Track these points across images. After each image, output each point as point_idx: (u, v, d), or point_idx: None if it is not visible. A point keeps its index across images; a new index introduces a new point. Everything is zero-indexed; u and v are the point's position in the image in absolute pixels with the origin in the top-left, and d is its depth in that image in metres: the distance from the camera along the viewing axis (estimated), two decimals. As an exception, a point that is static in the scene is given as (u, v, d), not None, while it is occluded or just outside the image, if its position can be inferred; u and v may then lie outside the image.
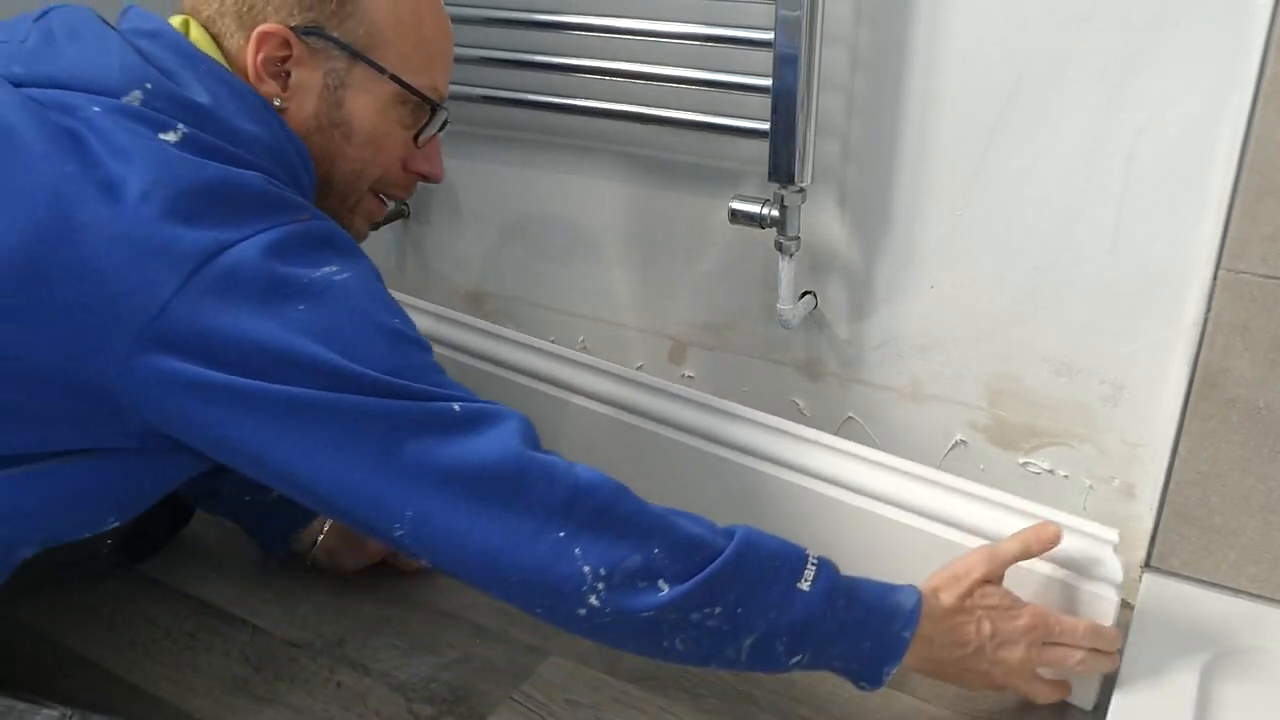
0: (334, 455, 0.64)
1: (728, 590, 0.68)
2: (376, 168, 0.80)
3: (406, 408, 0.65)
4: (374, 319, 0.67)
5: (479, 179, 1.18)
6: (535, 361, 1.10)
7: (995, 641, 0.77)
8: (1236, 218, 0.80)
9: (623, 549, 0.66)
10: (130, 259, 0.61)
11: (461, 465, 0.65)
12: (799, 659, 0.71)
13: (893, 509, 0.88)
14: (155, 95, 0.67)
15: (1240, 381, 0.84)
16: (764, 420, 0.96)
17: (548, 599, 0.67)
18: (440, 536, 0.66)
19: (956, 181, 0.91)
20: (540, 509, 0.66)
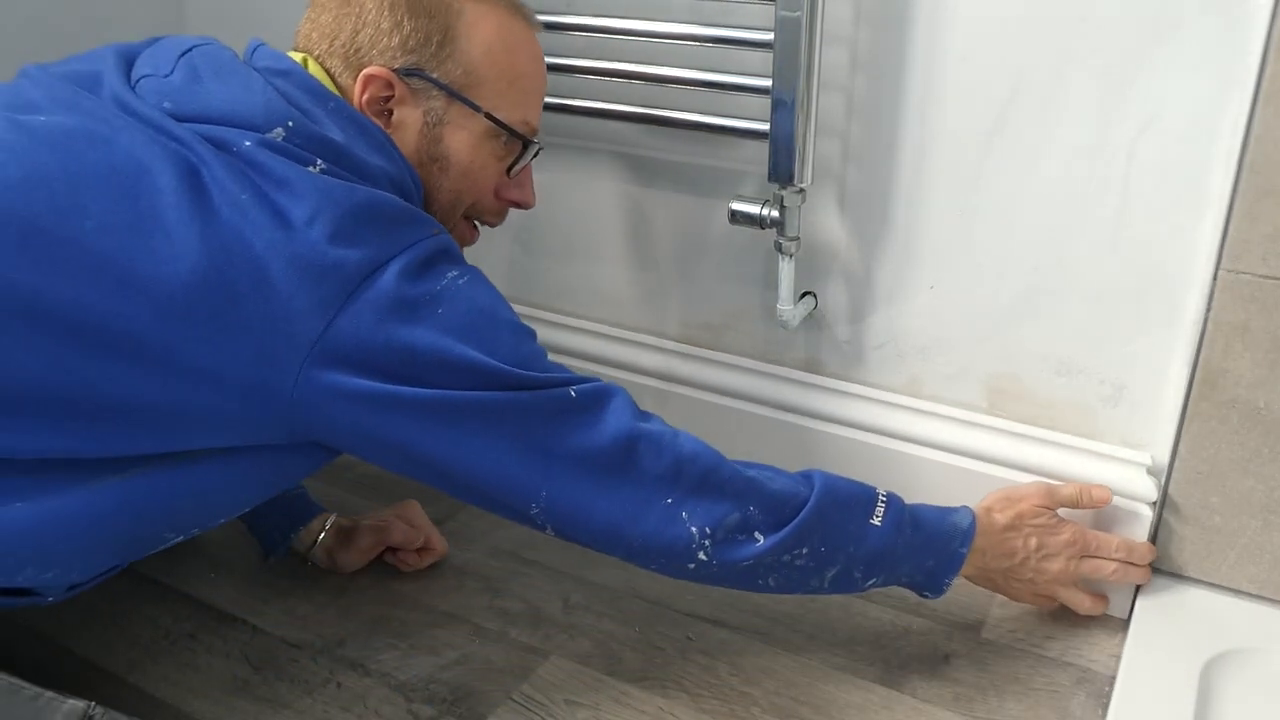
0: (477, 446, 0.72)
1: (813, 534, 0.78)
2: (471, 196, 0.86)
3: (536, 398, 0.72)
4: (497, 315, 0.75)
5: (479, 179, 1.18)
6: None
7: (1040, 554, 0.87)
8: (1236, 218, 0.80)
9: (723, 509, 0.76)
10: (304, 279, 0.67)
11: (585, 447, 0.74)
12: (874, 581, 0.82)
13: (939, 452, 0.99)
14: (296, 133, 0.72)
15: (1240, 381, 0.85)
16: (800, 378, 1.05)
17: (662, 558, 0.77)
18: (570, 511, 0.75)
19: (956, 181, 0.91)
20: (651, 479, 0.75)
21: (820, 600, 0.96)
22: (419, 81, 0.79)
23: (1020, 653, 0.90)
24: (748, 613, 0.95)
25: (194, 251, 0.66)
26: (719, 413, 1.09)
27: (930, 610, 0.95)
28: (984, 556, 0.85)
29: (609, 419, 0.75)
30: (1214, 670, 0.83)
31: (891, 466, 1.01)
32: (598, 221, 1.12)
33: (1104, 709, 0.83)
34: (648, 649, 0.91)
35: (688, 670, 0.88)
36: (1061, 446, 0.95)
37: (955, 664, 0.89)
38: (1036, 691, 0.86)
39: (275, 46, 0.81)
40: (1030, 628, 0.93)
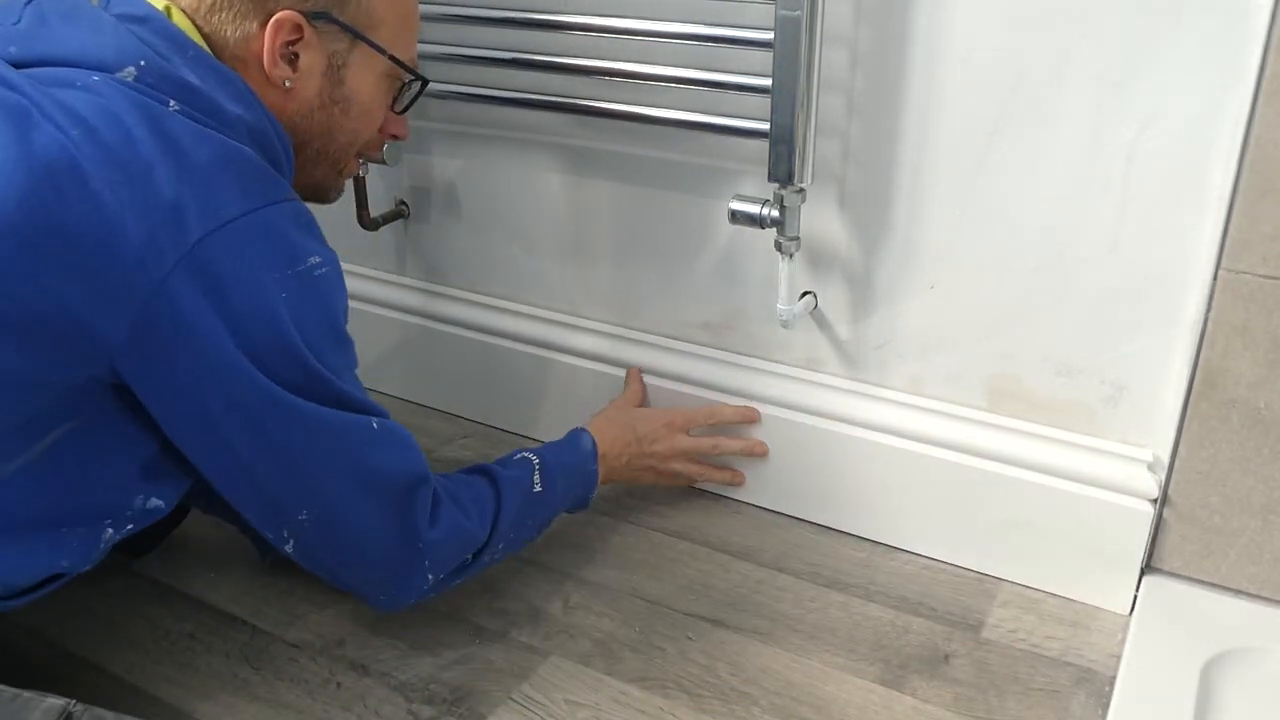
0: (275, 441, 0.74)
1: (505, 536, 0.89)
2: (366, 135, 0.88)
3: (343, 420, 0.76)
4: (337, 318, 0.78)
5: (479, 179, 1.18)
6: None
7: (646, 440, 1.03)
8: (1236, 218, 0.80)
9: (458, 559, 0.85)
10: (145, 226, 0.66)
11: (374, 479, 0.78)
12: (546, 527, 0.96)
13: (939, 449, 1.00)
14: (149, 72, 0.71)
15: (1240, 381, 0.84)
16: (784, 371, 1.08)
17: (393, 599, 0.85)
18: (328, 536, 0.79)
19: (956, 181, 0.91)
20: (415, 533, 0.81)
21: (820, 600, 0.97)
22: (325, 25, 0.79)
23: (1020, 653, 0.90)
24: (748, 613, 0.95)
25: (17, 188, 0.64)
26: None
27: (930, 610, 0.95)
28: (607, 460, 1.00)
29: (402, 460, 0.80)
30: (1214, 670, 0.83)
31: (892, 464, 1.01)
32: (597, 221, 1.12)
33: (1104, 709, 0.83)
34: (648, 649, 0.91)
35: (688, 670, 0.88)
36: (1062, 444, 0.95)
37: (955, 664, 0.89)
38: (1036, 691, 0.86)
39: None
40: (1030, 628, 0.93)
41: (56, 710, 0.66)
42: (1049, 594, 0.97)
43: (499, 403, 1.25)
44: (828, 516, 1.07)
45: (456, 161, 1.18)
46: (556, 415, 1.21)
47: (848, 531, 1.06)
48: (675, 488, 1.11)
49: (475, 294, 1.24)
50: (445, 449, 1.22)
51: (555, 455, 0.96)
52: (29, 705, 0.66)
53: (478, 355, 1.24)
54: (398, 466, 0.80)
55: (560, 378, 1.18)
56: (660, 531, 1.07)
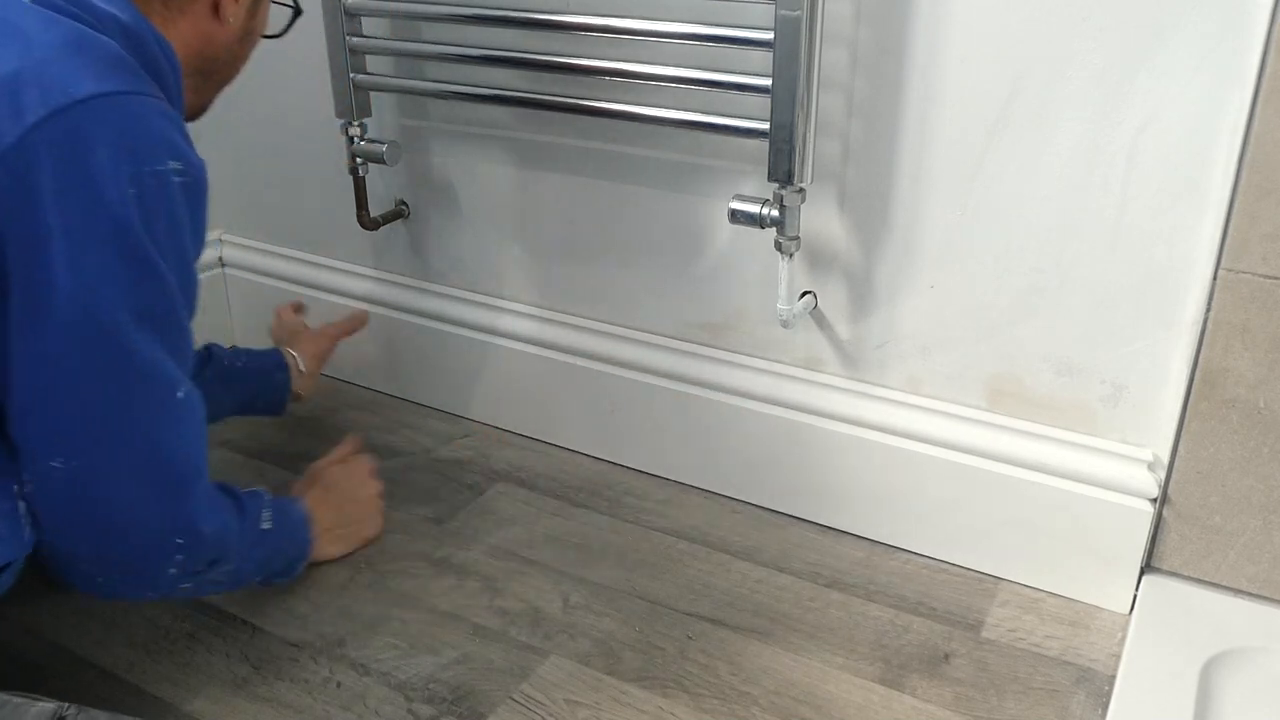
0: (69, 366, 0.70)
1: (235, 555, 0.84)
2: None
3: (155, 365, 0.73)
4: (183, 237, 0.74)
5: (479, 179, 1.18)
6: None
7: (353, 502, 1.04)
8: (1236, 218, 0.80)
9: (206, 558, 0.81)
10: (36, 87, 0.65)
11: (162, 447, 0.75)
12: (252, 580, 0.91)
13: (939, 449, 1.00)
14: None
15: (1240, 381, 0.85)
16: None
17: (131, 583, 0.79)
18: (85, 493, 0.73)
19: (956, 181, 0.91)
20: (182, 522, 0.77)
21: (820, 600, 0.97)
22: None
23: (1020, 653, 0.90)
24: (747, 613, 0.95)
25: None
26: (719, 411, 1.09)
27: (930, 610, 0.95)
28: (320, 528, 0.98)
29: (195, 442, 0.77)
30: (1214, 670, 0.83)
31: (892, 464, 1.01)
32: (598, 221, 1.12)
33: (1104, 709, 0.83)
34: (648, 649, 0.91)
35: (688, 670, 0.88)
36: (1062, 444, 0.95)
37: (955, 664, 0.89)
38: (1036, 691, 0.86)
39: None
40: (1030, 628, 0.93)
41: (49, 714, 0.65)
42: (1049, 594, 0.97)
43: (499, 402, 1.25)
44: (828, 516, 1.07)
45: (456, 161, 1.18)
46: (556, 415, 1.21)
47: (848, 531, 1.06)
48: (665, 482, 1.11)
49: (475, 294, 1.24)
50: (445, 449, 1.22)
51: (276, 501, 0.93)
52: (20, 710, 0.65)
53: (478, 355, 1.24)
54: (187, 449, 0.76)
55: (560, 377, 1.18)
56: (660, 531, 1.07)
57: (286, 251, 1.37)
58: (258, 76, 1.28)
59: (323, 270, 1.34)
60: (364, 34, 1.13)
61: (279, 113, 1.28)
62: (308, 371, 1.17)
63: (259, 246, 1.40)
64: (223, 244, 1.42)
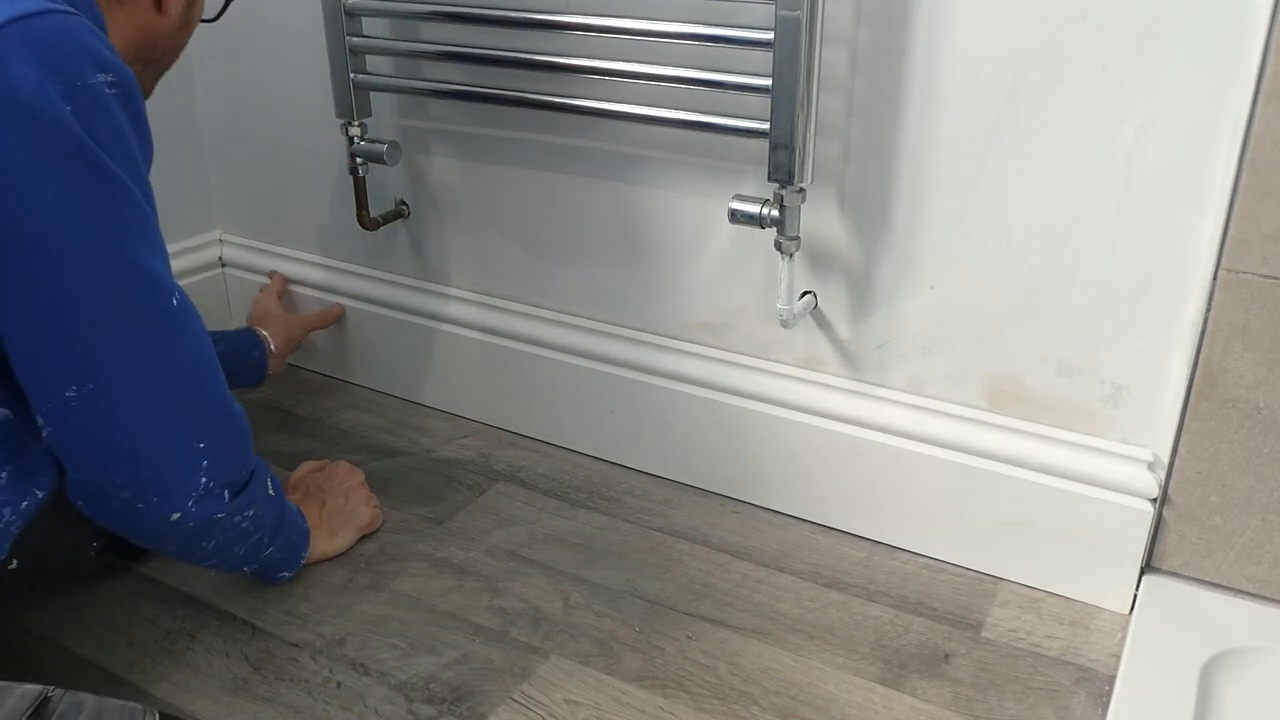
0: (47, 285, 0.69)
1: (254, 499, 0.86)
2: None
3: (147, 278, 0.72)
4: (128, 140, 0.72)
5: (479, 179, 1.18)
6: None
7: (345, 499, 1.05)
8: (1236, 218, 0.80)
9: (232, 468, 0.82)
10: None
11: (170, 357, 0.75)
12: (250, 557, 0.91)
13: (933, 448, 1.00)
14: None
15: (1240, 381, 0.85)
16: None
17: (159, 498, 0.78)
18: (107, 416, 0.74)
19: (956, 181, 0.91)
20: (203, 417, 0.78)
21: (820, 600, 0.97)
22: None
23: (1020, 653, 0.90)
24: (748, 612, 0.95)
25: None
26: (719, 411, 1.09)
27: (930, 610, 0.95)
28: (319, 534, 1.00)
29: (198, 346, 0.77)
30: (1214, 670, 0.83)
31: (892, 464, 1.01)
32: (597, 221, 1.12)
33: (1104, 709, 0.83)
34: (648, 649, 0.91)
35: (688, 670, 0.89)
36: (1062, 444, 0.95)
37: (955, 664, 0.89)
38: (1036, 691, 0.86)
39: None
40: (1030, 628, 0.93)
41: (33, 695, 0.65)
42: (1049, 594, 0.97)
43: (499, 402, 1.25)
44: (828, 516, 1.07)
45: (456, 161, 1.18)
46: (556, 415, 1.21)
47: (848, 531, 1.06)
48: (665, 482, 1.10)
49: (475, 294, 1.24)
50: (445, 449, 1.22)
51: (276, 484, 0.93)
52: (4, 692, 0.64)
53: (478, 355, 1.24)
54: (194, 351, 0.76)
55: (560, 377, 1.18)
56: (660, 531, 1.07)
57: (286, 251, 1.37)
58: (258, 76, 1.29)
59: (323, 270, 1.34)
60: (364, 34, 1.13)
61: (279, 113, 1.28)
62: (277, 352, 1.24)
63: (259, 246, 1.40)
64: (222, 244, 1.42)
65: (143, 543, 0.87)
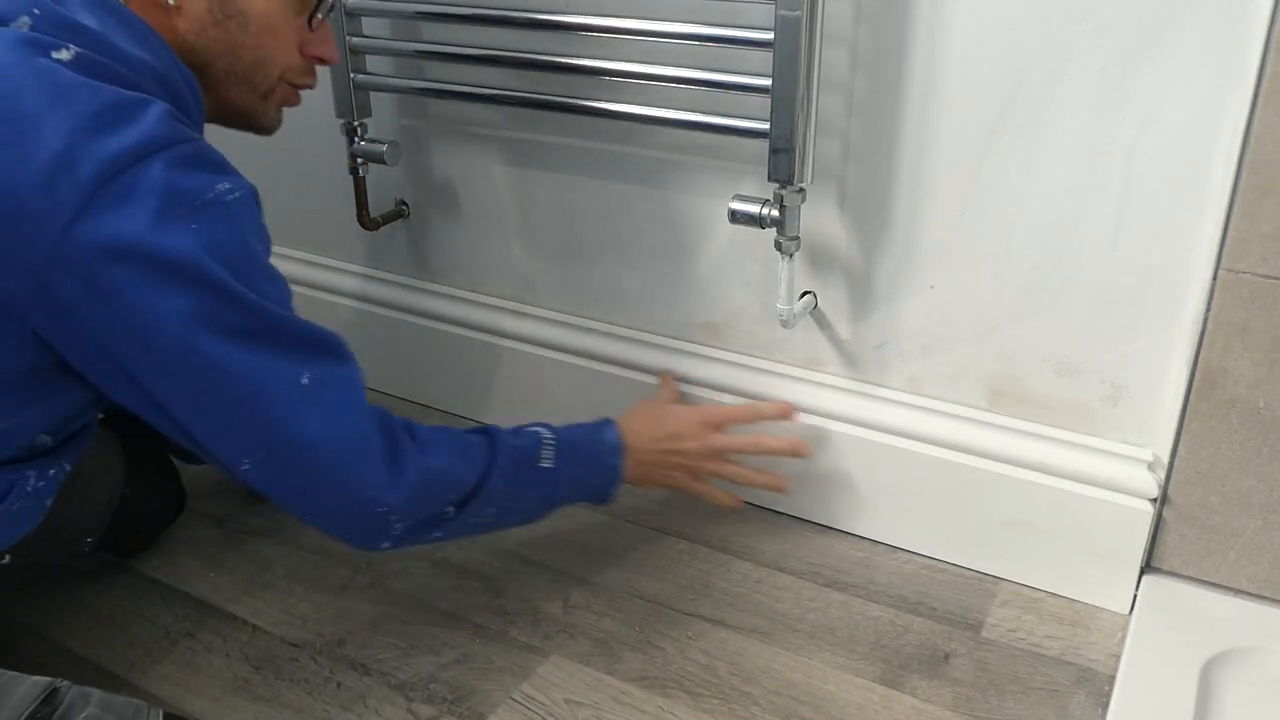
0: (208, 400, 0.72)
1: (495, 497, 0.85)
2: (279, 54, 0.83)
3: (262, 375, 0.72)
4: (250, 245, 0.74)
5: (479, 179, 1.18)
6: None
7: (675, 437, 0.96)
8: (1236, 218, 0.80)
9: (427, 510, 0.81)
10: (38, 180, 0.64)
11: (310, 442, 0.74)
12: (552, 511, 0.92)
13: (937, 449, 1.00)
14: (43, 20, 0.69)
15: (1240, 381, 0.85)
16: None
17: (357, 536, 0.81)
18: (283, 486, 0.77)
19: (956, 181, 0.91)
20: (374, 495, 0.77)
21: (820, 600, 0.97)
22: None
23: (1020, 653, 0.90)
24: (747, 612, 0.95)
25: None
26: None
27: (930, 610, 0.95)
28: (637, 457, 0.95)
29: (338, 424, 0.76)
30: (1214, 670, 0.83)
31: (892, 464, 1.01)
32: (598, 221, 1.12)
33: (1104, 709, 0.83)
34: (648, 649, 0.91)
35: (688, 670, 0.89)
36: (1062, 443, 0.95)
37: (955, 664, 0.89)
38: (1036, 691, 0.86)
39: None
40: (1030, 628, 0.93)
41: (42, 685, 0.65)
42: (1049, 594, 0.97)
43: (499, 402, 1.25)
44: (828, 516, 1.07)
45: (456, 161, 1.18)
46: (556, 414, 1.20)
47: (848, 531, 1.06)
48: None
49: (475, 294, 1.25)
50: (445, 449, 1.22)
51: (571, 436, 0.92)
52: (15, 681, 0.65)
53: (478, 355, 1.24)
54: (333, 432, 0.75)
55: (560, 377, 1.18)
56: (660, 531, 1.07)
57: (286, 251, 1.37)
58: (258, 76, 1.29)
59: (323, 270, 1.34)
60: (364, 34, 1.13)
61: (279, 113, 1.28)
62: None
63: (259, 246, 1.40)
64: (223, 244, 1.42)
65: None
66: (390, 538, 0.81)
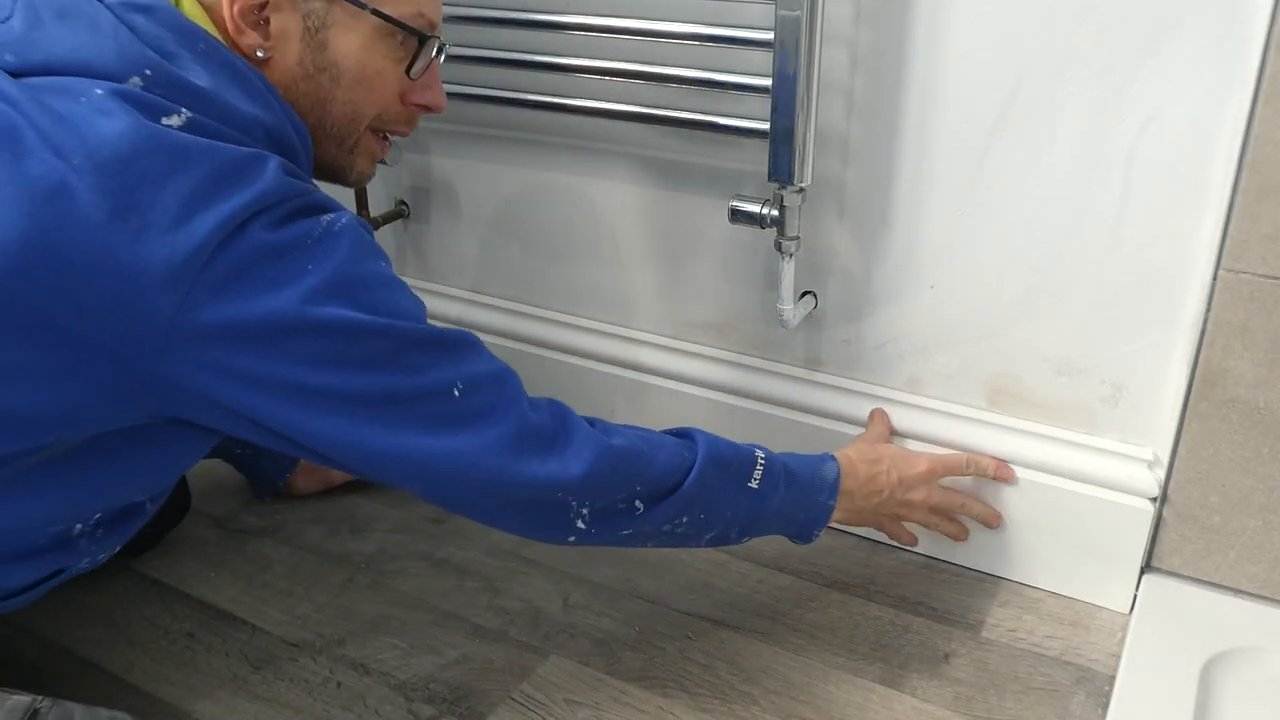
0: (348, 434, 0.68)
1: (694, 504, 0.79)
2: (371, 106, 0.78)
3: (411, 384, 0.69)
4: (365, 265, 0.70)
5: (479, 179, 1.18)
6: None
7: (903, 486, 0.92)
8: (1236, 218, 0.80)
9: (611, 493, 0.76)
10: (150, 251, 0.61)
11: (471, 463, 0.71)
12: (748, 538, 0.86)
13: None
14: (155, 81, 0.65)
15: (1240, 381, 0.85)
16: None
17: (540, 530, 0.76)
18: (448, 501, 0.74)
19: (956, 181, 0.91)
20: (553, 478, 0.73)
21: (820, 600, 0.97)
22: None
23: (1020, 652, 0.90)
24: (748, 613, 0.95)
25: (14, 231, 0.59)
26: (720, 411, 1.09)
27: (930, 610, 0.95)
28: (853, 499, 0.89)
29: (501, 421, 0.72)
30: (1214, 670, 0.83)
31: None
32: (598, 221, 1.12)
33: (1104, 709, 0.83)
34: (648, 649, 0.91)
35: (688, 670, 0.89)
36: (1062, 443, 0.95)
37: (955, 664, 0.89)
38: (1036, 691, 0.86)
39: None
40: (1030, 628, 0.93)
41: (23, 707, 0.64)
42: (1049, 593, 0.97)
43: (499, 403, 1.25)
44: (828, 516, 1.07)
45: (456, 161, 1.18)
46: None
47: (848, 531, 1.06)
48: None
49: (475, 294, 1.24)
50: (445, 449, 1.22)
51: (786, 462, 0.86)
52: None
53: (478, 355, 1.24)
54: (495, 434, 0.71)
55: (560, 378, 1.18)
56: (660, 531, 1.07)
57: (286, 251, 1.37)
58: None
59: (323, 270, 1.34)
60: (364, 34, 1.13)
61: (279, 113, 1.28)
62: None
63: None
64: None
65: None
66: (574, 530, 0.76)
